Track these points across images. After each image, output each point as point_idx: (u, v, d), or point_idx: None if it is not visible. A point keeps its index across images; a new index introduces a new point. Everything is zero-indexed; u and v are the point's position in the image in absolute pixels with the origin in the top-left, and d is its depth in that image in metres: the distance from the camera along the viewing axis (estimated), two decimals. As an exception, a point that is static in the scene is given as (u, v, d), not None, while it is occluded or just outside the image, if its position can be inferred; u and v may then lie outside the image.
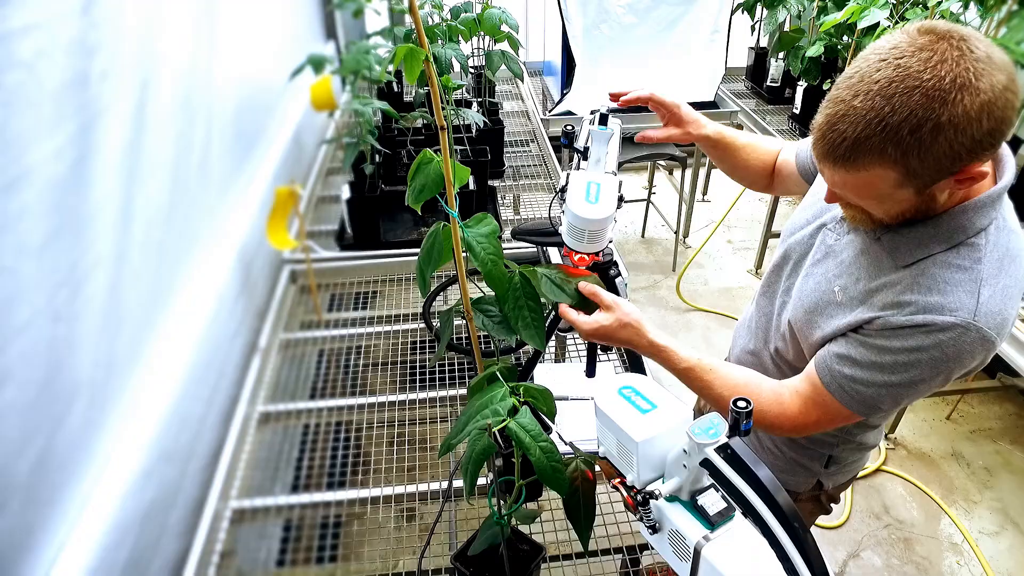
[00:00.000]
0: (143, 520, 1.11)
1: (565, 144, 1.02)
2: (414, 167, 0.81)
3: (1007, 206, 0.87)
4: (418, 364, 1.67)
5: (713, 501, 0.62)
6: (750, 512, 0.55)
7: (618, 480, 0.72)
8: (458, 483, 1.29)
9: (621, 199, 1.00)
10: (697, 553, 0.60)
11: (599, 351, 1.53)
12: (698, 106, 3.14)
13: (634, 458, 0.65)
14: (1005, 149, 0.85)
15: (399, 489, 1.34)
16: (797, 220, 1.10)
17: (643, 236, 3.88)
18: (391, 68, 2.23)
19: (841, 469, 1.23)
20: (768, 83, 3.37)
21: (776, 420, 1.00)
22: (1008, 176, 0.83)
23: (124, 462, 1.09)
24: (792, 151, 1.21)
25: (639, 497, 0.64)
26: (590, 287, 0.98)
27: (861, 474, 2.43)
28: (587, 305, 1.00)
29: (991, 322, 0.81)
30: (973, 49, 0.70)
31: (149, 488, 1.14)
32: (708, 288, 3.45)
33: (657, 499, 0.64)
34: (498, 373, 0.99)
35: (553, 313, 1.23)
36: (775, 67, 3.31)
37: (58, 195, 0.96)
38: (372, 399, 1.54)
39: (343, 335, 1.75)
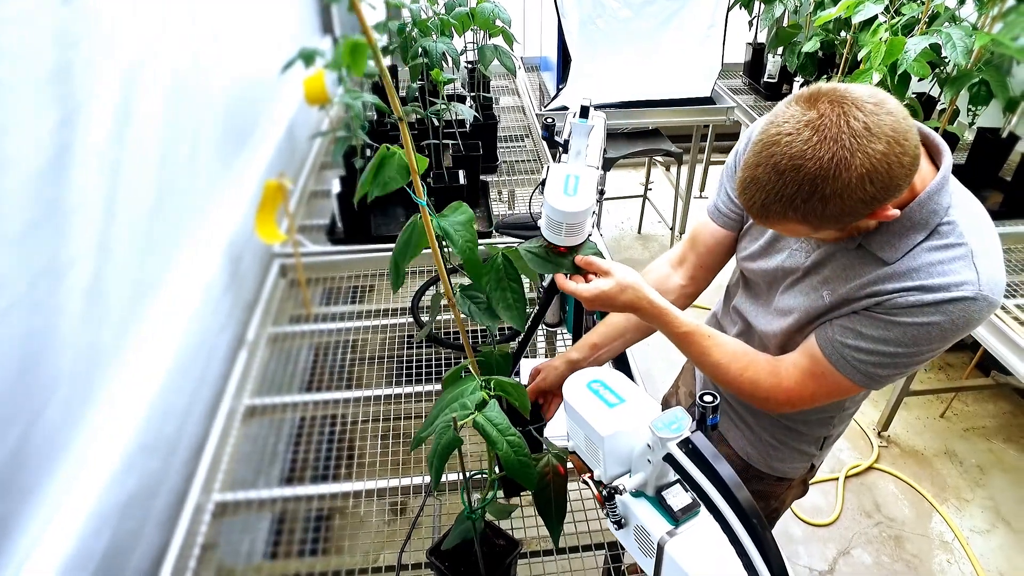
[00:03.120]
0: (123, 511, 1.11)
1: (545, 137, 1.01)
2: (375, 163, 0.81)
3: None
4: (409, 358, 1.67)
5: (678, 497, 0.62)
6: (711, 508, 0.55)
7: (588, 475, 0.71)
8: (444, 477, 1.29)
9: (602, 193, 1.00)
10: (660, 549, 0.60)
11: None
12: (694, 102, 3.16)
13: (601, 453, 0.65)
14: (934, 137, 0.91)
15: (390, 482, 1.34)
16: (753, 249, 1.12)
17: (639, 232, 3.87)
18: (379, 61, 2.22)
19: (830, 445, 1.26)
20: (765, 79, 3.35)
21: (771, 392, 1.01)
22: (947, 160, 0.89)
23: (104, 454, 1.09)
24: (703, 236, 1.20)
25: (605, 492, 0.64)
26: (584, 257, 1.00)
27: (853, 472, 2.43)
28: (583, 275, 1.01)
29: (994, 287, 0.86)
30: (852, 123, 0.76)
31: (130, 479, 1.14)
32: (704, 285, 3.44)
33: (622, 494, 0.63)
34: (493, 362, 0.99)
35: (538, 307, 1.23)
36: (772, 63, 3.29)
37: (38, 186, 0.96)
38: (360, 393, 1.54)
39: (332, 329, 1.75)
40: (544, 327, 1.71)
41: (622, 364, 1.45)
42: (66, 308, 1.03)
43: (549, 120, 1.00)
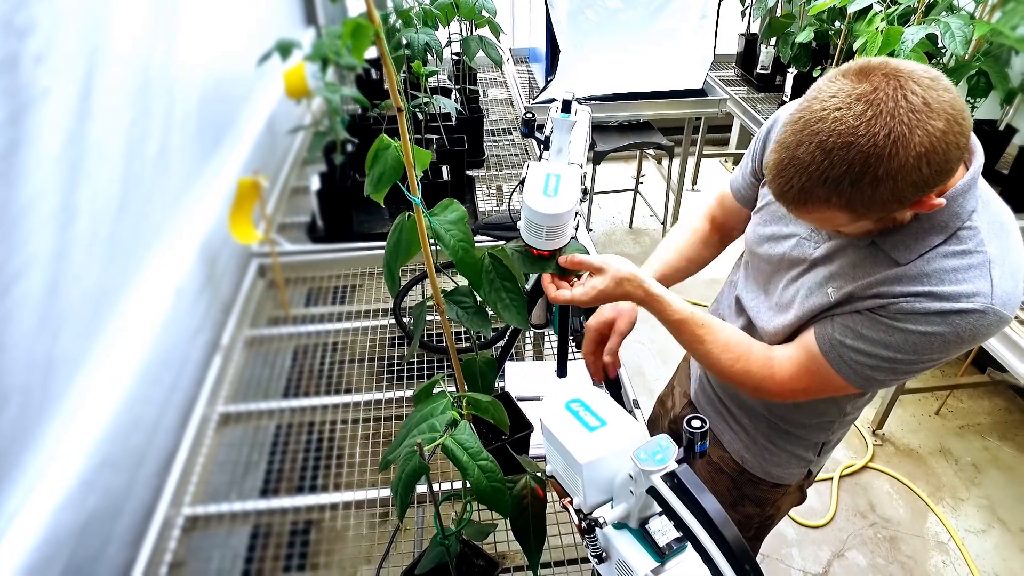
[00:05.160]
0: (82, 531, 1.05)
1: (524, 133, 0.95)
2: (371, 154, 0.76)
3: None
4: (395, 360, 1.62)
5: (664, 529, 0.57)
6: (699, 549, 0.49)
7: (568, 500, 0.66)
8: (421, 488, 1.24)
9: (586, 192, 0.94)
10: (644, 588, 0.55)
11: (571, 349, 1.48)
12: (686, 94, 3.10)
13: (580, 480, 0.60)
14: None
15: (370, 494, 1.28)
16: (762, 232, 1.07)
17: (631, 226, 3.81)
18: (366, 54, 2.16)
19: (828, 451, 1.23)
20: (758, 70, 3.29)
21: (763, 383, 0.98)
22: (978, 161, 0.84)
23: (61, 470, 1.02)
24: (725, 199, 1.22)
25: (584, 524, 0.59)
26: (573, 258, 0.96)
27: (847, 471, 2.39)
28: (567, 276, 0.98)
29: (1006, 302, 0.82)
30: (909, 97, 0.70)
31: (91, 497, 1.08)
32: (695, 279, 3.36)
33: (603, 527, 0.58)
34: (476, 369, 0.95)
35: (527, 298, 1.17)
36: (765, 54, 3.23)
37: (-20, 188, 0.90)
38: (340, 399, 1.48)
39: (313, 331, 1.69)
40: (532, 329, 1.66)
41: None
42: (17, 318, 0.97)
43: (529, 115, 0.94)
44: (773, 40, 3.09)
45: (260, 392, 1.57)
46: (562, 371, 1.34)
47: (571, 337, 1.61)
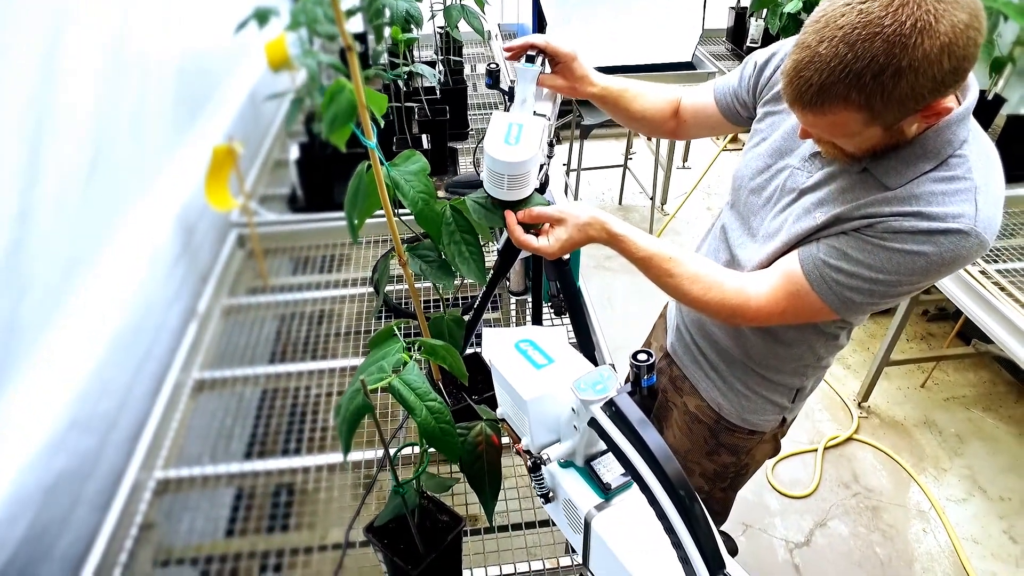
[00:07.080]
0: (48, 492, 1.04)
1: (489, 84, 0.94)
2: (326, 97, 0.75)
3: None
4: (375, 329, 1.61)
5: (610, 467, 0.56)
6: (638, 480, 0.49)
7: (519, 445, 0.65)
8: (395, 449, 1.23)
9: (551, 145, 0.93)
10: (588, 525, 0.54)
11: (545, 307, 1.47)
12: (675, 67, 3.07)
13: (526, 419, 0.59)
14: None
15: (352, 456, 1.28)
16: (755, 165, 1.07)
17: (620, 203, 3.80)
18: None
19: (803, 398, 1.24)
20: (748, 44, 3.26)
21: (738, 309, 0.98)
22: (973, 94, 0.86)
23: (25, 432, 1.02)
24: (705, 95, 1.19)
25: (530, 463, 0.58)
26: (531, 211, 0.95)
27: (832, 443, 2.40)
28: (532, 228, 0.97)
29: (988, 226, 0.84)
30: None
31: (58, 458, 1.07)
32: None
33: (547, 464, 0.57)
34: (444, 326, 0.94)
35: (495, 271, 1.16)
36: (755, 27, 3.20)
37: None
38: (318, 365, 1.48)
39: (292, 300, 1.68)
40: (512, 296, 1.65)
41: (583, 333, 1.39)
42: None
43: (493, 65, 0.93)
44: (763, 13, 3.06)
45: (236, 359, 1.56)
46: (537, 323, 1.33)
47: (548, 304, 1.60)
